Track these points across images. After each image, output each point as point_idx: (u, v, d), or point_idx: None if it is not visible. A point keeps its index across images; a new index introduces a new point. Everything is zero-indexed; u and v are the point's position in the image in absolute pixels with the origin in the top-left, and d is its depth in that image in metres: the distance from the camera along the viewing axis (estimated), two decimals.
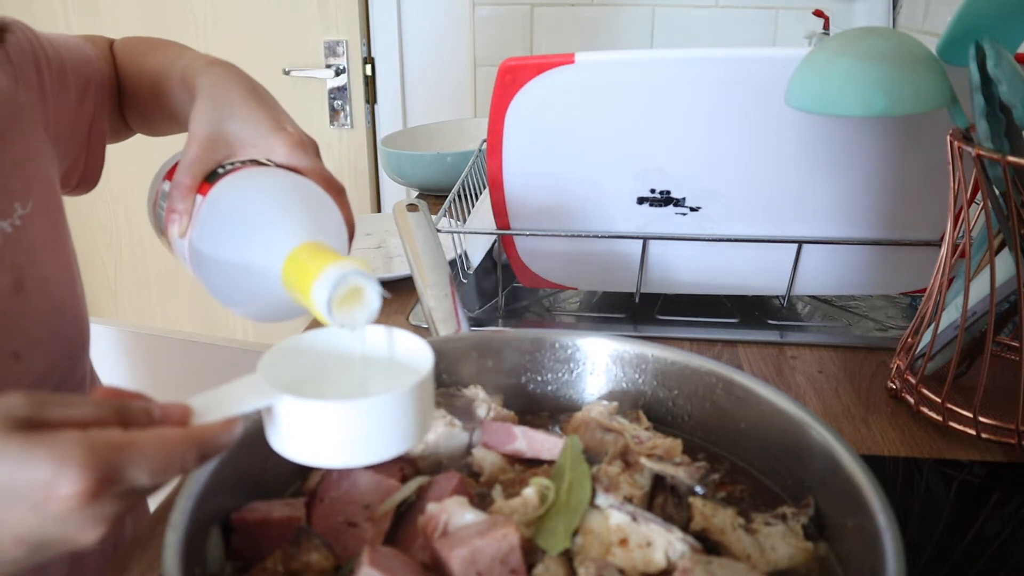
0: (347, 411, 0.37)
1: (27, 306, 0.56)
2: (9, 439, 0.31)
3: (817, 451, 0.44)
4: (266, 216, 0.46)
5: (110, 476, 0.31)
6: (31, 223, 0.57)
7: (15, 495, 0.31)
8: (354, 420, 0.37)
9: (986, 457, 0.60)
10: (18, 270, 0.55)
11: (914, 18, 1.13)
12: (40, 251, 0.58)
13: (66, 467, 0.30)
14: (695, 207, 0.76)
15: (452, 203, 0.90)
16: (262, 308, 0.49)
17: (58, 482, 0.30)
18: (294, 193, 0.49)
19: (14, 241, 0.55)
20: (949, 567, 0.49)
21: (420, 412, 0.39)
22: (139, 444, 0.32)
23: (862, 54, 0.56)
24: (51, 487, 0.30)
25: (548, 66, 0.69)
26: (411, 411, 0.38)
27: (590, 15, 1.67)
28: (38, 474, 0.30)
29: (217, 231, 0.47)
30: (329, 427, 0.37)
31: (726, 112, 0.70)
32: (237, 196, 0.48)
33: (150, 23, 1.76)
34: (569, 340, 0.55)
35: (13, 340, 0.55)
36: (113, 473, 0.31)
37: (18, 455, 0.31)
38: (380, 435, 0.38)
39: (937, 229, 0.75)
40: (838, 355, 0.75)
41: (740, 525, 0.42)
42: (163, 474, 0.33)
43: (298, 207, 0.47)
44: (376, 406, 0.37)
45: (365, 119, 1.77)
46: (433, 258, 0.62)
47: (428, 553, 0.40)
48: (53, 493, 0.30)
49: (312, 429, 0.37)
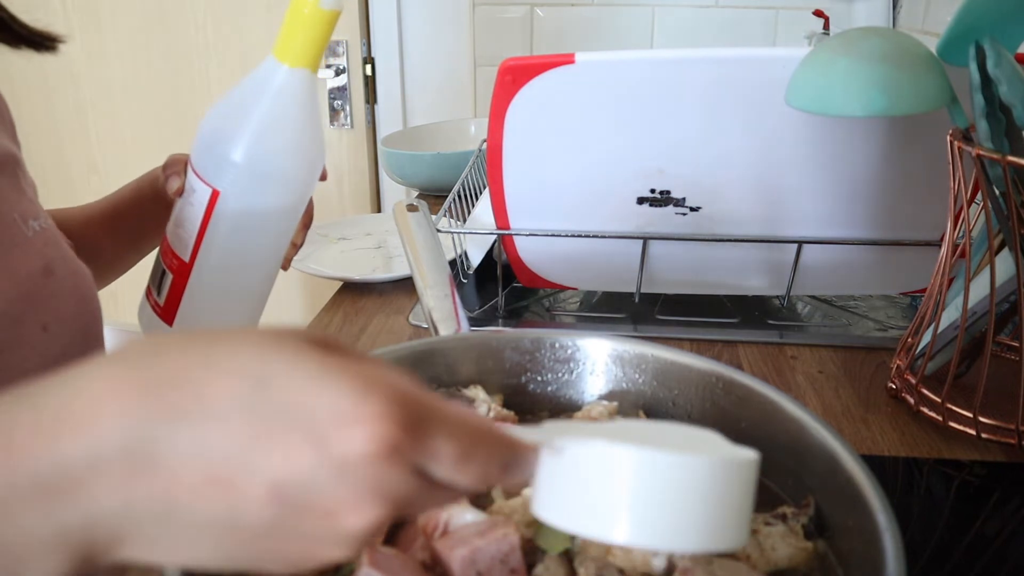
0: (682, 467, 0.27)
1: (55, 287, 0.60)
2: (304, 355, 0.25)
3: (817, 451, 0.44)
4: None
5: (415, 430, 0.25)
6: (55, 231, 0.63)
7: (295, 420, 0.24)
8: (690, 481, 0.27)
9: (986, 457, 0.60)
10: (47, 258, 0.60)
11: (914, 18, 1.13)
12: (65, 249, 0.64)
13: (370, 400, 0.24)
14: (695, 207, 0.76)
15: (452, 203, 0.90)
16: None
17: (357, 415, 0.24)
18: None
19: (43, 235, 0.61)
20: (949, 567, 0.49)
21: (738, 501, 0.29)
22: (447, 411, 0.26)
23: (862, 54, 0.56)
24: (345, 419, 0.24)
25: (548, 66, 0.69)
26: (739, 494, 0.29)
27: (590, 15, 1.67)
28: (334, 401, 0.24)
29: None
30: (647, 489, 0.27)
31: (726, 112, 0.70)
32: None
33: (150, 23, 1.76)
34: (569, 340, 0.55)
35: (44, 314, 0.59)
36: (419, 428, 0.25)
37: (313, 374, 0.25)
38: (686, 514, 0.28)
39: (937, 229, 0.75)
40: (838, 355, 0.75)
41: None
42: (464, 462, 0.26)
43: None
44: (714, 467, 0.28)
45: (365, 119, 1.77)
46: (433, 258, 0.62)
47: (428, 553, 0.40)
48: (346, 428, 0.24)
49: (614, 488, 0.27)
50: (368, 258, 0.99)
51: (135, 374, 0.25)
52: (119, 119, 1.86)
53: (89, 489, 0.24)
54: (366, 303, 0.88)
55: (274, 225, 0.63)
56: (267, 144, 0.57)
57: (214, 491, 0.24)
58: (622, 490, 0.27)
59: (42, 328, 0.59)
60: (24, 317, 0.57)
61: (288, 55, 0.55)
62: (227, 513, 0.24)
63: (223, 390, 0.24)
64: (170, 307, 0.64)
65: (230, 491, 0.24)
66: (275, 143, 0.57)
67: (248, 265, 0.64)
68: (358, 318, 0.84)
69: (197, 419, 0.24)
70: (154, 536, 0.25)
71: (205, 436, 0.24)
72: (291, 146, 0.58)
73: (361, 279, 0.91)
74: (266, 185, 0.59)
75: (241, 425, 0.24)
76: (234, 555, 0.26)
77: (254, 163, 0.57)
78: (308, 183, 0.62)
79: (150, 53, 1.79)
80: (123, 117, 1.86)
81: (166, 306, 0.64)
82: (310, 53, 0.55)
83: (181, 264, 0.63)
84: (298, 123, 0.58)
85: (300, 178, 0.61)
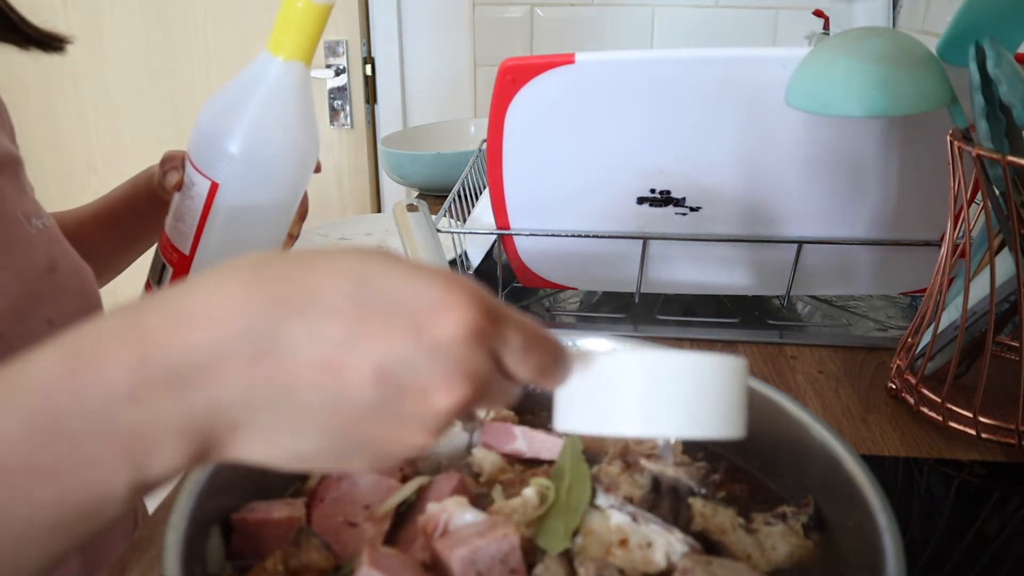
0: (684, 364, 0.32)
1: (59, 283, 0.62)
2: (395, 260, 0.29)
3: (817, 451, 0.44)
4: None
5: (496, 320, 0.29)
6: (57, 230, 0.65)
7: (395, 310, 0.28)
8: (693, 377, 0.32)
9: (986, 457, 0.60)
10: (51, 256, 0.62)
11: (914, 18, 1.13)
12: (68, 247, 0.65)
13: (457, 291, 0.28)
14: (695, 207, 0.76)
15: (452, 203, 0.90)
16: None
17: (448, 302, 0.28)
18: None
19: (46, 233, 0.63)
20: (949, 567, 0.49)
21: (733, 396, 0.33)
22: (512, 310, 0.30)
23: (862, 54, 0.56)
24: (438, 306, 0.28)
25: (548, 66, 0.69)
26: (723, 388, 0.33)
27: (590, 15, 1.67)
28: (429, 293, 0.28)
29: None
30: (660, 385, 0.32)
31: (726, 112, 0.70)
32: None
33: (150, 23, 1.76)
34: (569, 340, 0.55)
35: (49, 309, 0.60)
36: (499, 320, 0.29)
37: (407, 273, 0.28)
38: (690, 403, 0.33)
39: (937, 229, 0.75)
40: (838, 355, 0.75)
41: (740, 525, 0.42)
42: (528, 351, 0.30)
43: None
44: (691, 365, 0.33)
45: (365, 119, 1.77)
46: (433, 258, 0.62)
47: (428, 553, 0.40)
48: (440, 314, 0.27)
49: (619, 394, 0.33)
50: None
51: (251, 278, 0.28)
52: (119, 119, 1.86)
53: (215, 376, 0.27)
54: None
55: (271, 217, 0.64)
56: (263, 136, 0.58)
57: (325, 375, 0.27)
58: (635, 388, 0.32)
59: (48, 323, 0.60)
60: (31, 312, 0.59)
61: (282, 49, 0.56)
62: (335, 394, 0.27)
63: (332, 287, 0.28)
64: None
65: (340, 373, 0.27)
66: (271, 135, 0.58)
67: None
68: None
69: (311, 312, 0.27)
70: (267, 426, 0.28)
71: (318, 326, 0.27)
72: (286, 138, 0.59)
73: None
74: (263, 176, 0.60)
75: (349, 316, 0.27)
76: (336, 442, 0.29)
77: (251, 155, 0.58)
78: (303, 175, 0.63)
79: (150, 53, 1.79)
80: (123, 117, 1.86)
81: None
82: (303, 47, 0.56)
83: (181, 257, 0.63)
84: (293, 116, 0.59)
85: (295, 170, 0.61)
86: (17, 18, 0.61)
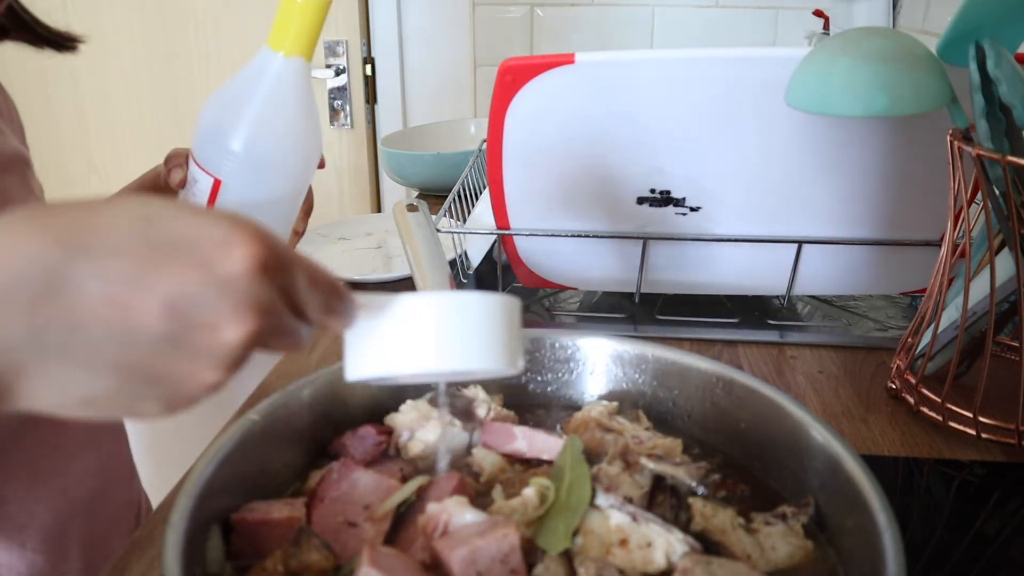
0: (445, 304, 0.36)
1: None
2: (183, 205, 0.30)
3: (817, 451, 0.44)
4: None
5: (280, 256, 0.30)
6: None
7: (182, 247, 0.28)
8: (452, 315, 0.36)
9: (986, 457, 0.60)
10: None
11: (914, 18, 1.13)
12: None
13: (242, 230, 0.29)
14: (695, 207, 0.76)
15: (452, 203, 0.90)
16: None
17: (235, 239, 0.29)
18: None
19: None
20: (949, 567, 0.49)
21: (514, 330, 0.38)
22: (298, 254, 0.31)
23: (862, 54, 0.56)
24: (225, 243, 0.28)
25: (548, 66, 0.69)
26: (505, 322, 0.37)
27: (590, 15, 1.67)
28: (214, 231, 0.29)
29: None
30: (428, 325, 0.35)
31: (726, 112, 0.70)
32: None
33: (150, 23, 1.76)
34: (569, 340, 0.55)
35: None
36: (283, 256, 0.30)
37: (193, 213, 0.29)
38: (477, 337, 0.36)
39: (937, 229, 0.75)
40: (838, 355, 0.75)
41: (740, 525, 0.42)
42: (313, 286, 0.32)
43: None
44: (474, 302, 0.36)
45: (365, 119, 1.77)
46: (433, 258, 0.62)
47: (428, 553, 0.40)
48: (226, 249, 0.28)
49: (409, 331, 0.35)
50: (368, 258, 0.99)
51: (38, 222, 0.28)
52: (119, 119, 1.86)
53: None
54: None
55: (275, 213, 0.64)
56: (265, 132, 0.58)
57: (113, 311, 0.27)
58: (425, 326, 0.35)
59: None
60: None
61: (282, 45, 0.56)
62: (125, 331, 0.28)
63: (119, 227, 0.28)
64: None
65: (128, 310, 0.27)
66: (272, 131, 0.58)
67: None
68: None
69: (96, 252, 0.27)
70: (55, 368, 0.28)
71: (104, 265, 0.27)
72: (288, 134, 0.59)
73: (361, 279, 0.91)
74: (265, 173, 0.60)
75: (136, 254, 0.28)
76: (127, 381, 0.29)
77: (253, 151, 0.58)
78: (306, 171, 0.63)
79: (150, 53, 1.79)
80: (123, 117, 1.86)
81: None
82: (303, 42, 0.56)
83: None
84: (294, 111, 0.59)
85: (298, 165, 0.61)
86: (29, 18, 0.61)
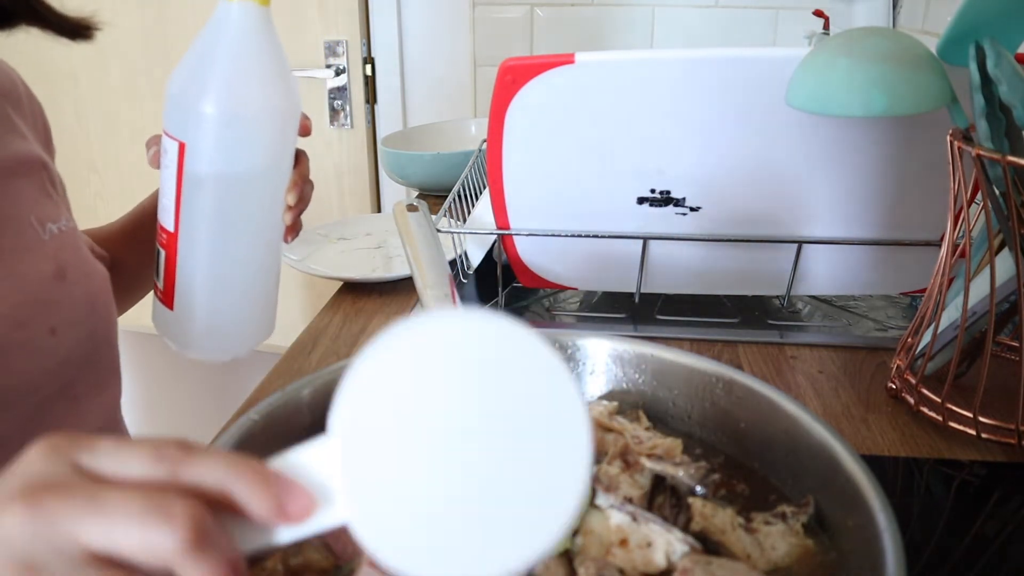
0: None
1: (66, 291, 0.62)
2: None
3: (817, 451, 0.44)
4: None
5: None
6: (75, 233, 0.66)
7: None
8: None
9: (986, 457, 0.60)
10: (61, 262, 0.62)
11: (914, 18, 1.13)
12: (83, 252, 0.66)
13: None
14: (695, 207, 0.76)
15: (452, 203, 0.90)
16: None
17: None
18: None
19: (60, 238, 0.63)
20: (949, 567, 0.49)
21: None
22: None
23: (862, 54, 0.56)
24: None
25: (548, 66, 0.69)
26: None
27: (590, 15, 1.67)
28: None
29: None
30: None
31: (726, 112, 0.70)
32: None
33: (150, 22, 1.76)
34: (569, 340, 0.55)
35: (52, 317, 0.60)
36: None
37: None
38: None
39: (937, 229, 0.75)
40: (838, 355, 0.75)
41: (740, 525, 0.42)
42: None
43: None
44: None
45: (365, 119, 1.77)
46: (433, 258, 0.62)
47: None
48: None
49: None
50: (368, 258, 0.99)
51: None
52: (119, 119, 1.86)
53: None
54: (366, 303, 0.88)
55: (255, 180, 0.60)
56: (227, 84, 0.55)
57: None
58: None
59: (50, 331, 0.60)
60: (31, 321, 0.58)
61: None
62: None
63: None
64: (168, 288, 0.62)
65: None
66: (235, 82, 0.55)
67: (238, 231, 0.61)
68: (358, 318, 0.84)
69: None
70: None
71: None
72: (254, 86, 0.56)
73: (361, 279, 0.91)
74: (234, 131, 0.56)
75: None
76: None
77: (217, 107, 0.55)
78: (282, 130, 0.59)
79: (150, 53, 1.79)
80: (123, 117, 1.86)
81: (165, 288, 0.63)
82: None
83: (169, 236, 0.60)
84: (257, 60, 0.56)
85: (272, 122, 0.58)
86: (44, 7, 0.62)
